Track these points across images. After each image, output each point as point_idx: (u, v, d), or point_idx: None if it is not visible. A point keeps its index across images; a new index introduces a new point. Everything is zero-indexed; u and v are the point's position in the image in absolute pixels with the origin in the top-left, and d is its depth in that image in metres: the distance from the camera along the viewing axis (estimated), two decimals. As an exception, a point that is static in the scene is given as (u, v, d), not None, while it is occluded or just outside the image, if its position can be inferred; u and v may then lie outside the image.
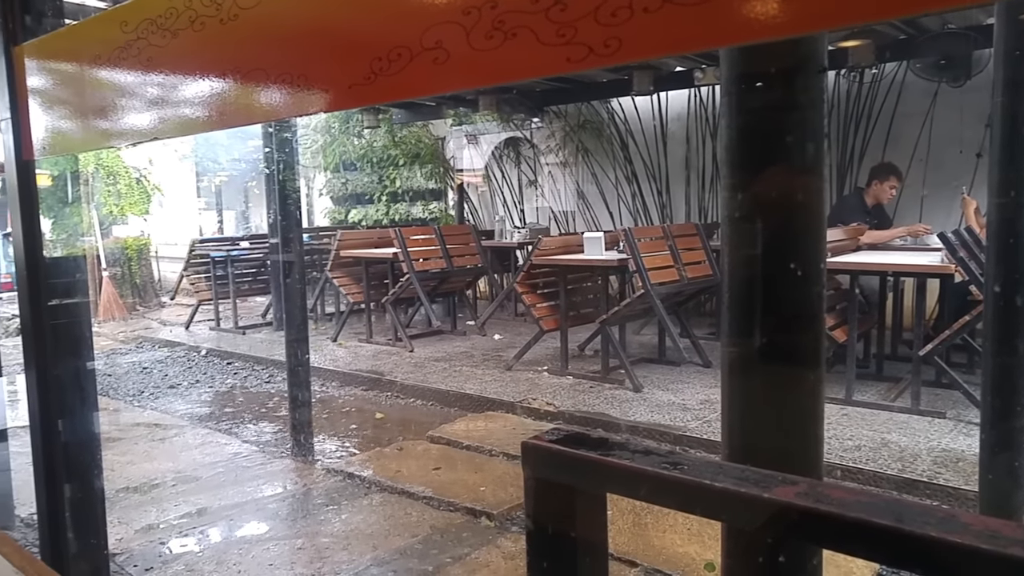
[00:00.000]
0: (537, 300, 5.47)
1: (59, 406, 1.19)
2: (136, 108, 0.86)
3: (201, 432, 4.86)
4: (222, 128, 0.74)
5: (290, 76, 0.63)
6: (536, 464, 0.73)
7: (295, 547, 3.17)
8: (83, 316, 1.26)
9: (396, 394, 5.49)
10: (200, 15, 0.72)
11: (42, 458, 1.19)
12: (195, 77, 0.77)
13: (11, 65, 1.03)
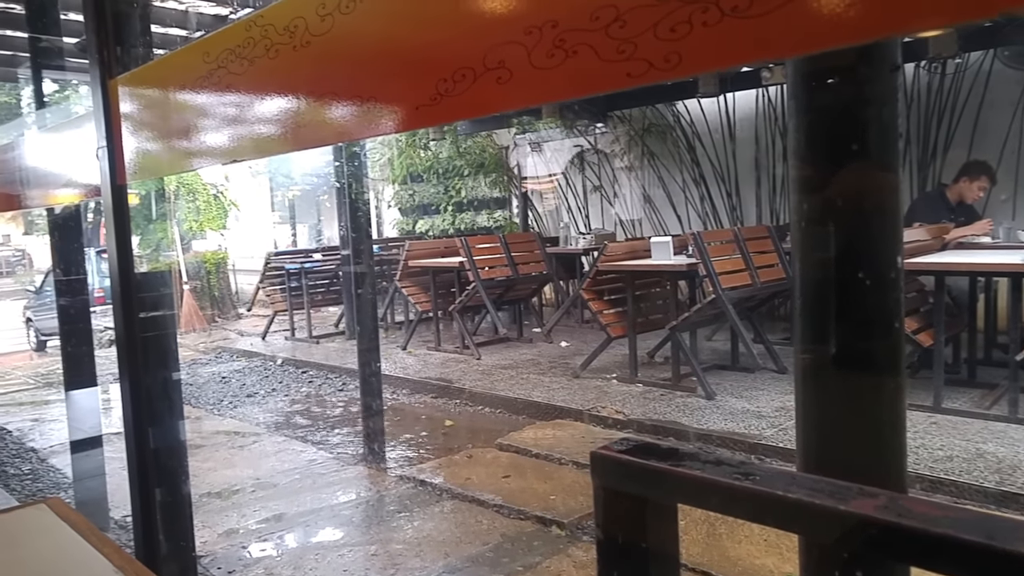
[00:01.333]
0: (604, 307, 5.44)
1: (150, 414, 1.25)
2: (218, 132, 0.91)
3: (278, 440, 5.01)
4: (297, 149, 0.78)
5: (360, 98, 0.65)
6: (605, 474, 0.74)
7: (369, 553, 3.23)
8: (170, 328, 1.32)
9: (465, 401, 5.54)
10: (275, 43, 0.75)
11: (136, 464, 1.25)
12: (271, 101, 0.80)
13: (106, 97, 1.10)
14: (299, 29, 0.71)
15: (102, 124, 1.12)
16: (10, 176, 1.74)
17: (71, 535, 0.79)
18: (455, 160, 9.67)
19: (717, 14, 0.44)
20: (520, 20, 0.51)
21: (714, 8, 0.44)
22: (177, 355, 1.33)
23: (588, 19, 0.48)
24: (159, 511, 1.27)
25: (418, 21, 0.59)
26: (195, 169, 1.26)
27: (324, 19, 0.68)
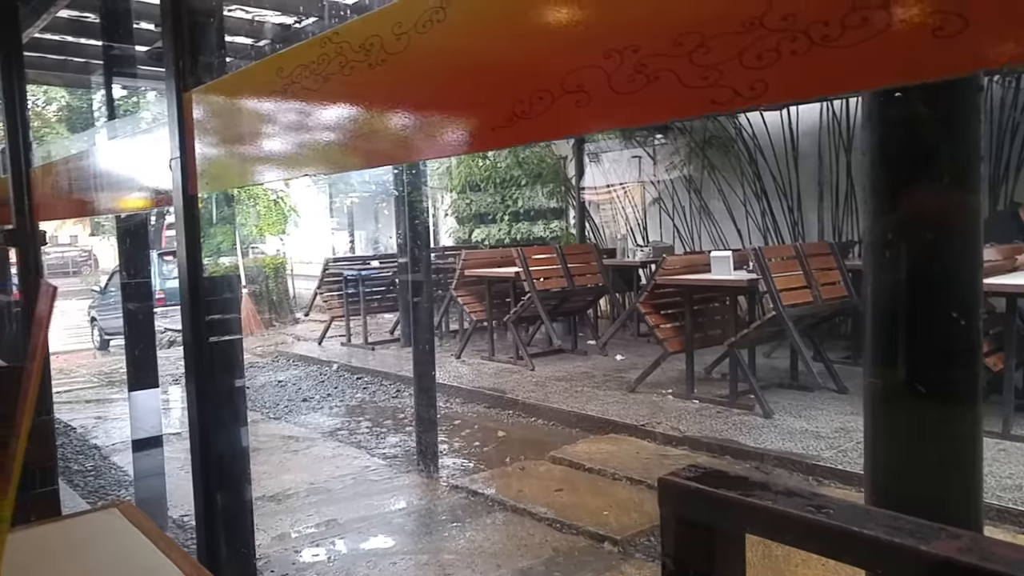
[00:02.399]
0: (661, 321, 5.37)
1: (215, 419, 1.28)
2: (289, 146, 0.93)
3: (332, 445, 5.08)
4: (369, 166, 0.78)
5: (435, 118, 0.65)
6: (673, 501, 0.72)
7: (420, 562, 3.24)
8: (236, 335, 1.35)
9: (518, 412, 5.53)
10: (350, 60, 0.76)
11: (200, 468, 1.28)
12: (344, 118, 0.81)
13: (181, 109, 1.13)
14: (374, 47, 0.72)
15: (176, 135, 1.15)
16: (85, 183, 1.81)
17: (142, 540, 0.81)
18: (513, 170, 9.71)
19: (806, 43, 0.42)
20: (600, 44, 0.50)
21: (803, 37, 0.43)
22: (242, 362, 1.36)
23: (671, 45, 0.47)
24: (221, 515, 1.30)
25: (496, 43, 0.59)
26: (265, 182, 1.29)
27: (400, 38, 0.68)
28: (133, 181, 1.50)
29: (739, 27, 0.43)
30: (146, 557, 0.78)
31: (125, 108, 14.34)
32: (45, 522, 0.93)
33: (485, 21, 0.60)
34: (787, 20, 0.43)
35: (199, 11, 1.17)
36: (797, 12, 0.42)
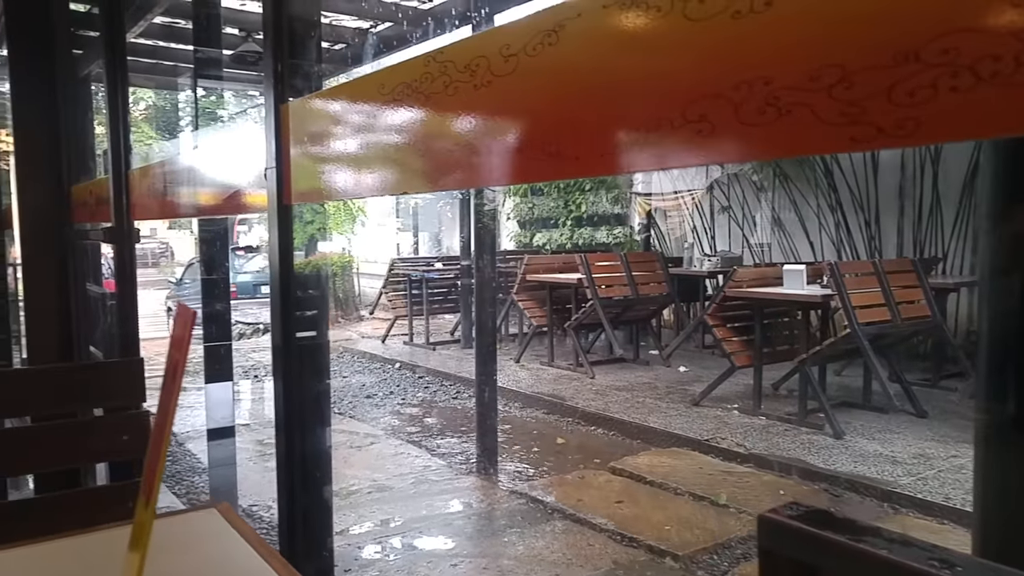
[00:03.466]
0: (729, 334, 5.27)
1: (300, 418, 1.31)
2: (386, 164, 0.94)
3: (394, 443, 5.15)
4: (467, 187, 0.79)
5: (540, 142, 0.65)
6: (772, 539, 0.69)
7: (480, 566, 3.26)
8: (324, 339, 1.38)
9: (577, 420, 5.50)
10: (454, 80, 0.77)
11: (284, 464, 1.31)
12: (444, 137, 0.82)
13: (278, 121, 1.16)
14: (480, 68, 0.72)
15: (272, 145, 1.18)
16: (180, 186, 1.88)
17: (240, 543, 0.83)
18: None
19: (970, 79, 0.40)
20: (728, 75, 0.49)
21: (967, 73, 0.40)
22: (328, 364, 1.39)
23: (807, 78, 0.45)
24: (302, 513, 1.33)
25: (613, 69, 0.59)
26: (360, 197, 1.31)
27: (508, 60, 0.68)
28: (227, 187, 1.55)
29: (889, 61, 0.42)
30: (243, 558, 0.80)
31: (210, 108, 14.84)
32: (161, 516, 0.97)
33: (601, 47, 0.59)
34: (948, 54, 0.41)
35: (299, 23, 1.20)
36: (960, 46, 0.40)
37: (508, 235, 11.14)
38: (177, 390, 0.42)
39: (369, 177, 0.98)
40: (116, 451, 1.33)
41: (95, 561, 0.83)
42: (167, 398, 0.44)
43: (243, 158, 1.44)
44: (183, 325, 0.43)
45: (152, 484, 0.43)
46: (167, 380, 0.45)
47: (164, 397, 0.45)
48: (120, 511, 1.27)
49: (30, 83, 2.89)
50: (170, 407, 0.43)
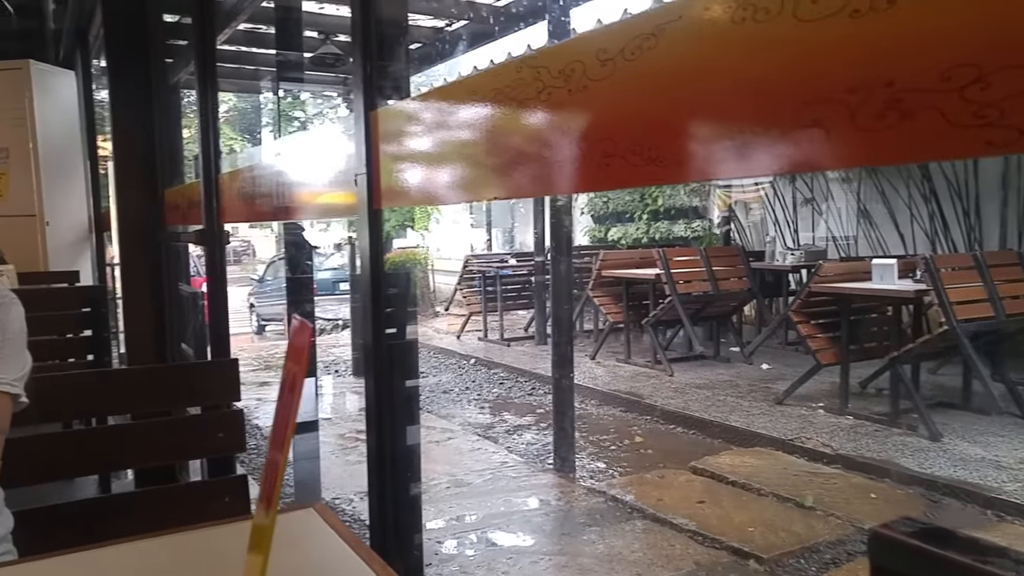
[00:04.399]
0: (814, 331, 5.10)
1: (390, 416, 1.33)
2: (476, 170, 0.94)
3: (471, 439, 5.20)
4: (559, 193, 0.78)
5: (640, 149, 0.64)
6: (885, 556, 0.66)
7: (559, 564, 3.25)
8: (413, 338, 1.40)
9: (656, 419, 5.43)
10: (548, 85, 0.76)
11: (375, 462, 1.33)
12: (535, 143, 0.81)
13: (368, 127, 1.18)
14: (576, 73, 0.71)
15: (362, 152, 1.20)
16: (268, 190, 1.94)
17: (339, 543, 0.85)
18: (654, 169, 9.52)
19: None
20: (844, 78, 0.47)
21: None
22: (417, 364, 1.41)
23: (936, 79, 0.42)
24: (392, 510, 1.35)
25: (714, 74, 0.57)
26: (449, 203, 1.33)
27: (605, 64, 0.67)
28: (315, 192, 1.59)
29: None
30: (342, 558, 0.82)
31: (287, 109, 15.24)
32: (250, 517, 1.00)
33: (704, 51, 0.58)
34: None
35: (387, 29, 1.21)
36: None
37: (582, 230, 11.07)
38: (297, 401, 0.43)
39: (459, 183, 0.99)
40: (213, 448, 1.38)
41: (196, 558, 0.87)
42: (286, 409, 0.45)
43: (330, 162, 1.48)
44: (301, 339, 0.44)
45: (273, 491, 0.44)
46: (284, 391, 0.46)
47: (283, 408, 0.46)
48: (217, 506, 1.32)
49: (127, 91, 3.04)
50: (290, 417, 0.44)
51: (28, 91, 4.06)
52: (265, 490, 0.48)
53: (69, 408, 1.37)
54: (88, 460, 1.32)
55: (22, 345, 1.01)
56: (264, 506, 0.48)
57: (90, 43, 4.55)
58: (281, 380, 0.47)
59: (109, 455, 1.35)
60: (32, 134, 4.10)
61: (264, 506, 0.48)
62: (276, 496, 0.46)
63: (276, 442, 0.46)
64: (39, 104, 4.11)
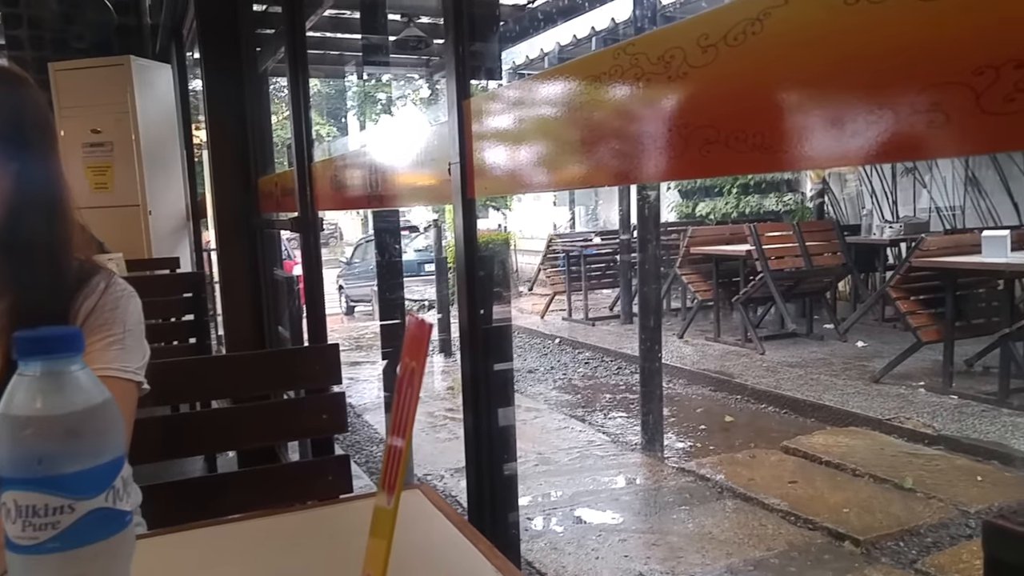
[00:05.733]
0: (915, 307, 4.87)
1: (486, 399, 1.36)
2: (571, 159, 0.94)
3: (557, 418, 5.23)
4: (657, 181, 0.78)
5: (744, 136, 0.63)
6: (1000, 547, 0.64)
7: (648, 542, 3.26)
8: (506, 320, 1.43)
9: (746, 398, 5.33)
10: (646, 72, 0.76)
11: (472, 442, 1.37)
12: (631, 131, 0.81)
13: (461, 116, 1.20)
14: (675, 60, 0.70)
15: (455, 141, 1.22)
16: (361, 178, 2.00)
17: (444, 523, 0.88)
18: (742, 141, 9.25)
19: None
20: (969, 60, 0.45)
21: None
22: (511, 345, 1.44)
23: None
24: (489, 489, 1.39)
25: (825, 59, 0.55)
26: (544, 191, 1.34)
27: (706, 50, 0.66)
28: (408, 180, 1.63)
29: None
30: (449, 538, 0.85)
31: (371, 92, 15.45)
32: (357, 498, 1.05)
33: (813, 35, 0.56)
34: None
35: (479, 16, 1.23)
36: None
37: (669, 206, 10.87)
38: (416, 394, 0.45)
39: (554, 171, 0.99)
40: (316, 429, 1.44)
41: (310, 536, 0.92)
42: (405, 401, 0.48)
43: (422, 151, 1.51)
44: (418, 334, 0.46)
45: (396, 478, 0.47)
46: (403, 385, 0.48)
47: (401, 399, 0.49)
48: (320, 484, 1.38)
49: (220, 80, 3.15)
50: (410, 409, 0.46)
51: (130, 86, 4.25)
52: (388, 477, 0.51)
53: (180, 392, 1.44)
54: (199, 441, 1.40)
55: (141, 335, 1.07)
56: (387, 492, 0.51)
57: (184, 37, 4.74)
58: (399, 374, 0.50)
59: (219, 436, 1.42)
60: (134, 127, 4.29)
61: (387, 492, 0.51)
62: (400, 483, 0.48)
63: (397, 430, 0.49)
64: (139, 98, 4.30)
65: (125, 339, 1.03)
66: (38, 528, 0.45)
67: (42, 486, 0.44)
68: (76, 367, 0.47)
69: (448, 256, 8.32)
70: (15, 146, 0.95)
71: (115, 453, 0.48)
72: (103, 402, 0.48)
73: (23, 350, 0.46)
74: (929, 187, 7.74)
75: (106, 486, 0.47)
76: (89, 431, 0.47)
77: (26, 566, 0.46)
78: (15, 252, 0.97)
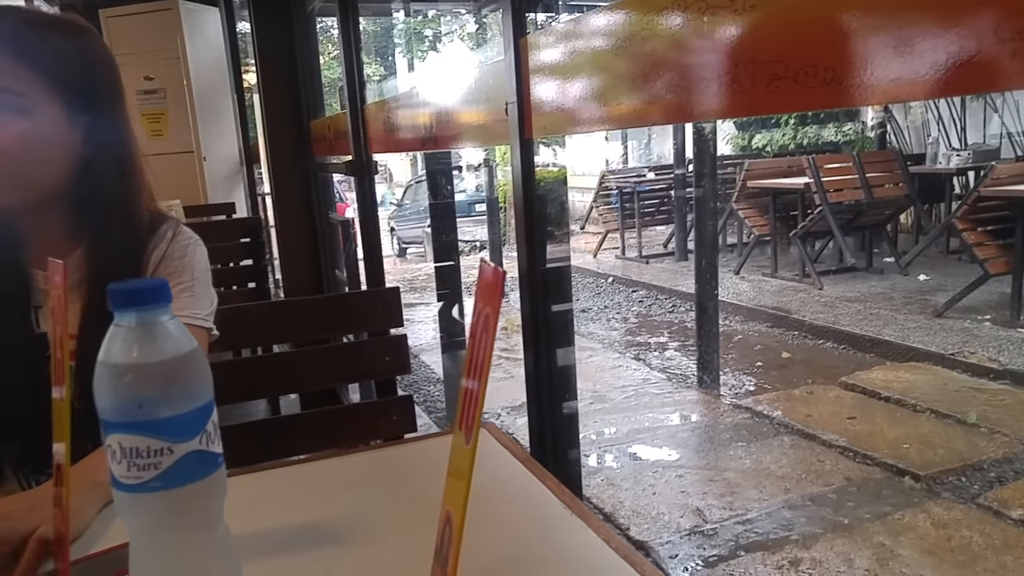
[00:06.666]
0: (983, 238, 4.69)
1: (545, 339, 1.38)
2: (630, 96, 0.92)
3: (612, 356, 5.25)
4: (721, 118, 0.76)
5: (813, 70, 0.60)
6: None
7: (705, 478, 3.29)
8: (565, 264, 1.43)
9: (803, 334, 5.25)
10: (711, 6, 0.73)
11: (533, 380, 1.39)
12: (698, 68, 0.79)
13: (518, 55, 1.18)
14: (742, -10, 0.68)
15: (512, 80, 1.20)
16: (414, 120, 1.99)
17: (512, 461, 0.91)
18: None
19: None
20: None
21: None
22: (570, 285, 1.45)
23: None
24: (551, 427, 1.42)
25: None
26: (598, 131, 1.32)
27: (776, -20, 0.64)
28: (462, 121, 1.62)
29: None
30: (515, 475, 0.88)
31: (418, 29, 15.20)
32: (423, 437, 1.09)
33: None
34: None
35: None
36: None
37: (724, 138, 10.56)
38: (491, 339, 0.46)
39: (615, 110, 0.97)
40: (380, 371, 1.47)
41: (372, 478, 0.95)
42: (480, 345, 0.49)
43: (477, 91, 1.49)
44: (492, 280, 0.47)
45: (473, 420, 0.49)
46: (477, 330, 0.49)
47: (476, 344, 0.50)
48: (385, 424, 1.42)
49: (269, 21, 3.12)
50: (486, 353, 0.47)
51: (179, 30, 4.22)
52: (465, 418, 0.53)
53: (244, 337, 1.48)
54: (263, 384, 1.44)
55: (208, 282, 1.10)
56: (465, 433, 0.52)
57: (231, -23, 4.70)
58: (473, 319, 0.51)
59: (284, 379, 1.46)
60: (185, 72, 4.26)
61: (465, 433, 0.52)
62: (477, 424, 0.50)
63: (472, 373, 0.50)
64: (189, 42, 4.26)
65: (194, 286, 1.05)
66: (141, 468, 0.48)
67: (143, 430, 0.47)
68: (166, 317, 0.49)
69: (500, 196, 8.29)
70: (85, 99, 0.96)
71: (206, 398, 0.50)
72: (192, 350, 0.50)
73: (117, 302, 0.48)
74: (1001, 112, 7.34)
75: (200, 429, 0.50)
76: (182, 377, 0.49)
77: (132, 503, 0.49)
78: (89, 205, 0.99)
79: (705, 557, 2.65)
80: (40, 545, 0.68)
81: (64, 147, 0.95)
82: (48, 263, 0.65)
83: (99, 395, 0.48)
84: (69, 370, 0.63)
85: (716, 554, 2.66)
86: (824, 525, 2.80)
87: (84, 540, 0.76)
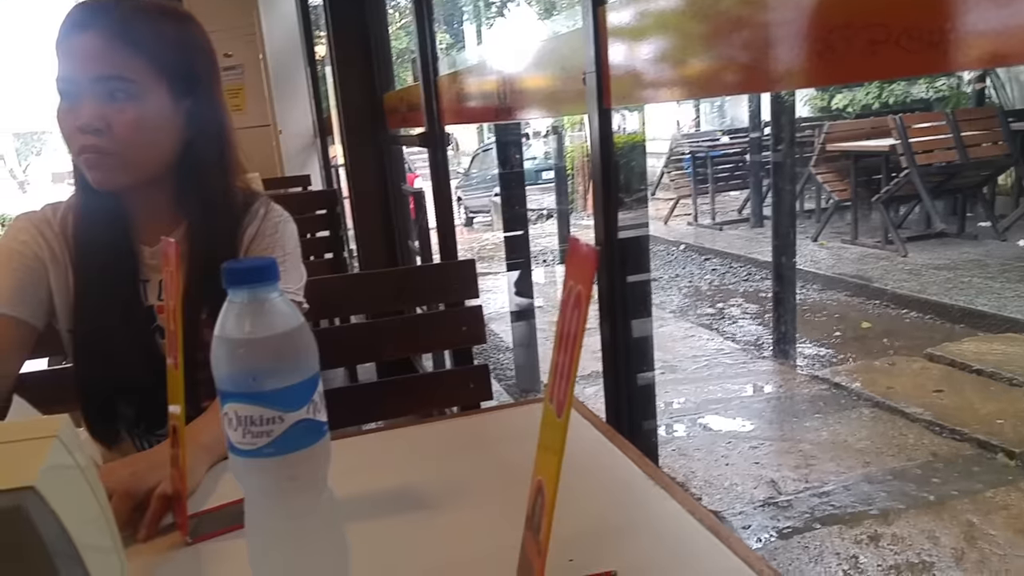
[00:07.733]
0: (1087, 202, 4.41)
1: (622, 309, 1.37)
2: (713, 64, 0.90)
3: (684, 326, 5.19)
4: (810, 87, 0.74)
5: (918, 32, 0.58)
6: None
7: (781, 449, 3.24)
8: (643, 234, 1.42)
9: (885, 303, 5.07)
10: (803, -34, 0.71)
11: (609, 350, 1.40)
12: (788, 34, 0.77)
13: (596, 24, 1.16)
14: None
15: (591, 49, 1.19)
16: (489, 91, 1.99)
17: (592, 431, 0.92)
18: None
19: None
20: None
21: None
22: (648, 256, 1.44)
23: None
24: (627, 397, 1.42)
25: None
26: (679, 100, 1.30)
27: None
28: (537, 91, 1.62)
29: None
30: (597, 445, 0.89)
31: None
32: (501, 407, 1.11)
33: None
34: None
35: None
36: None
37: (801, 99, 10.17)
38: (583, 316, 0.47)
39: (697, 78, 0.96)
40: (457, 341, 1.49)
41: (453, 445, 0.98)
42: (570, 321, 0.50)
43: (554, 60, 1.48)
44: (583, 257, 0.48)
45: (565, 394, 0.50)
46: (567, 306, 0.50)
47: (565, 319, 0.51)
48: (463, 393, 1.45)
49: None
50: (578, 330, 0.48)
51: (255, 5, 4.33)
52: (557, 392, 0.54)
53: (325, 308, 1.52)
54: (343, 353, 1.48)
55: (298, 257, 1.14)
56: (556, 407, 0.54)
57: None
58: (563, 296, 0.52)
59: (363, 348, 1.49)
60: (261, 47, 4.37)
61: (556, 407, 0.54)
62: (570, 399, 0.51)
63: (564, 349, 0.52)
64: (264, 16, 4.35)
65: (286, 262, 1.09)
66: (255, 436, 0.51)
67: (257, 399, 0.50)
68: (275, 295, 0.52)
69: (568, 164, 8.22)
70: (188, 84, 1.01)
71: (313, 371, 0.53)
72: (299, 325, 0.53)
73: (231, 280, 0.51)
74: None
75: (307, 400, 0.52)
76: (291, 351, 0.52)
77: (247, 467, 0.52)
78: (192, 183, 1.05)
79: (779, 528, 2.63)
80: (162, 501, 0.74)
81: (169, 130, 1.00)
82: (162, 241, 0.69)
83: (216, 367, 0.51)
84: (182, 340, 0.67)
85: (790, 526, 2.64)
86: (907, 501, 2.73)
87: (195, 497, 0.82)
